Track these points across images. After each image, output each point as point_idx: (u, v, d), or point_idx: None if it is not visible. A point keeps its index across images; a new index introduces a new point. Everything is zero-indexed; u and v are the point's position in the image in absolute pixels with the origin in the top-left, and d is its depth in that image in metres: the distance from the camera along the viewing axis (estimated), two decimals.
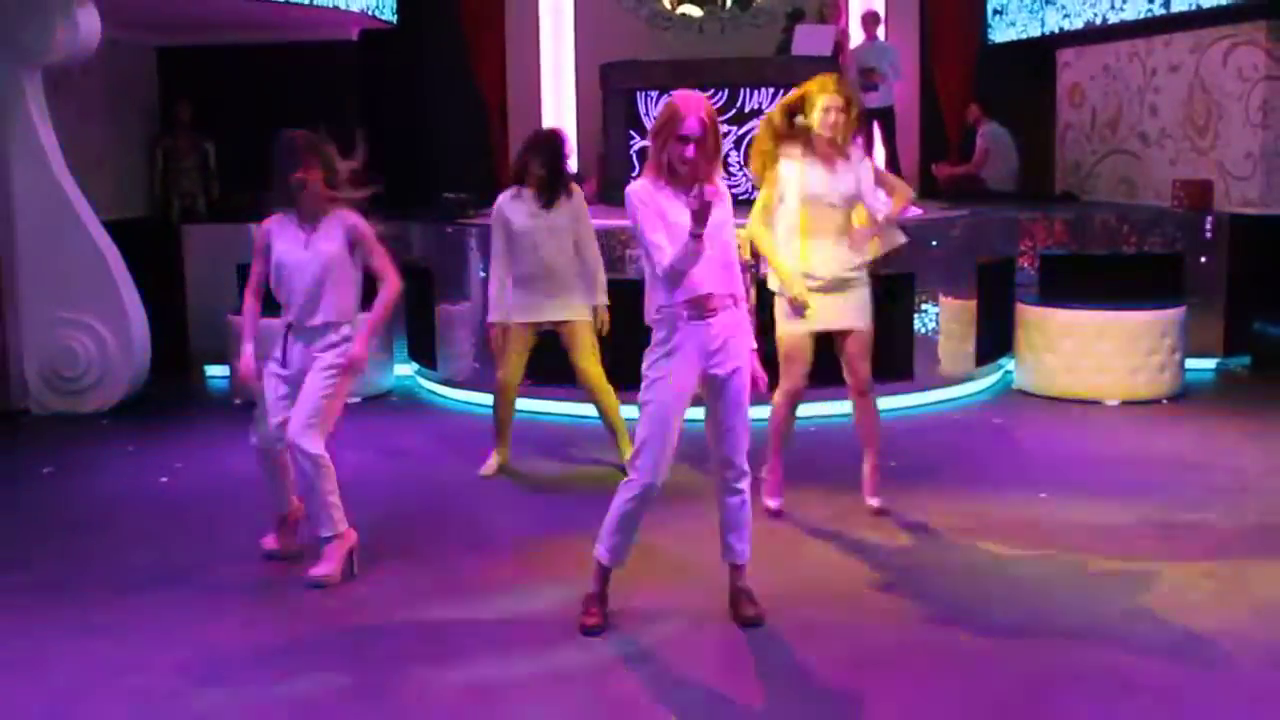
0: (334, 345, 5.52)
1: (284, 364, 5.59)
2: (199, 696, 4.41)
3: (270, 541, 5.83)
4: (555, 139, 6.98)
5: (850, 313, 6.09)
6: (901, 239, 6.26)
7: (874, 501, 6.30)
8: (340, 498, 5.52)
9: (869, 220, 6.07)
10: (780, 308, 6.10)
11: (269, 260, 5.56)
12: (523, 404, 7.44)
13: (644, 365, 4.81)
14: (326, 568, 5.46)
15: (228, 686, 4.49)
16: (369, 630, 4.99)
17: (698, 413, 4.88)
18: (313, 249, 5.49)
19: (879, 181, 6.15)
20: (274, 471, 5.71)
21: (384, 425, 8.42)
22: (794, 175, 5.98)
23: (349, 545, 5.54)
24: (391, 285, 5.58)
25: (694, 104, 4.67)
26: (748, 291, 5.37)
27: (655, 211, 4.66)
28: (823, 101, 5.92)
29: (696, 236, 4.50)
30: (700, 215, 4.43)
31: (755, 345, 4.93)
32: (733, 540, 4.99)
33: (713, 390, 4.84)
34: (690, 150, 4.62)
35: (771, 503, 6.32)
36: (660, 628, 4.96)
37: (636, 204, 4.69)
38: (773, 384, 5.34)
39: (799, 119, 6.01)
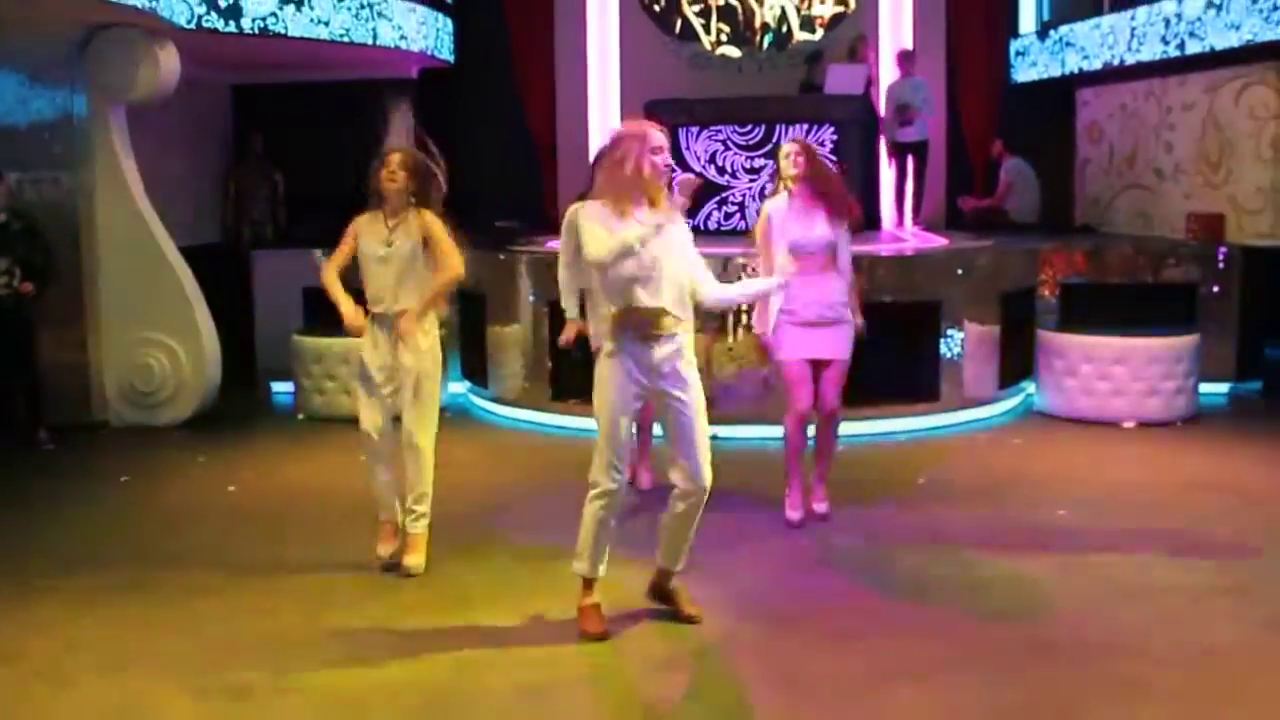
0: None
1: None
2: (263, 692, 4.43)
3: (387, 548, 5.79)
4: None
5: (833, 344, 6.21)
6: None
7: (820, 507, 6.42)
8: None
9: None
10: (780, 339, 6.24)
11: None
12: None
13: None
14: (419, 557, 5.66)
15: (290, 684, 4.50)
16: (425, 632, 4.99)
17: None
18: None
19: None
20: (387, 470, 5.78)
21: (439, 439, 8.43)
22: (776, 226, 6.20)
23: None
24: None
25: (650, 125, 4.78)
26: None
27: (604, 228, 4.66)
28: (785, 149, 6.25)
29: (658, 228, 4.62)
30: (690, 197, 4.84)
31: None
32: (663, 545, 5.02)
33: (662, 410, 4.86)
34: (667, 155, 4.73)
35: (793, 515, 6.36)
36: (693, 633, 4.94)
37: (582, 219, 4.71)
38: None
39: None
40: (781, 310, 6.20)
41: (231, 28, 9.34)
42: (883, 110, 12.12)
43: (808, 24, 13.35)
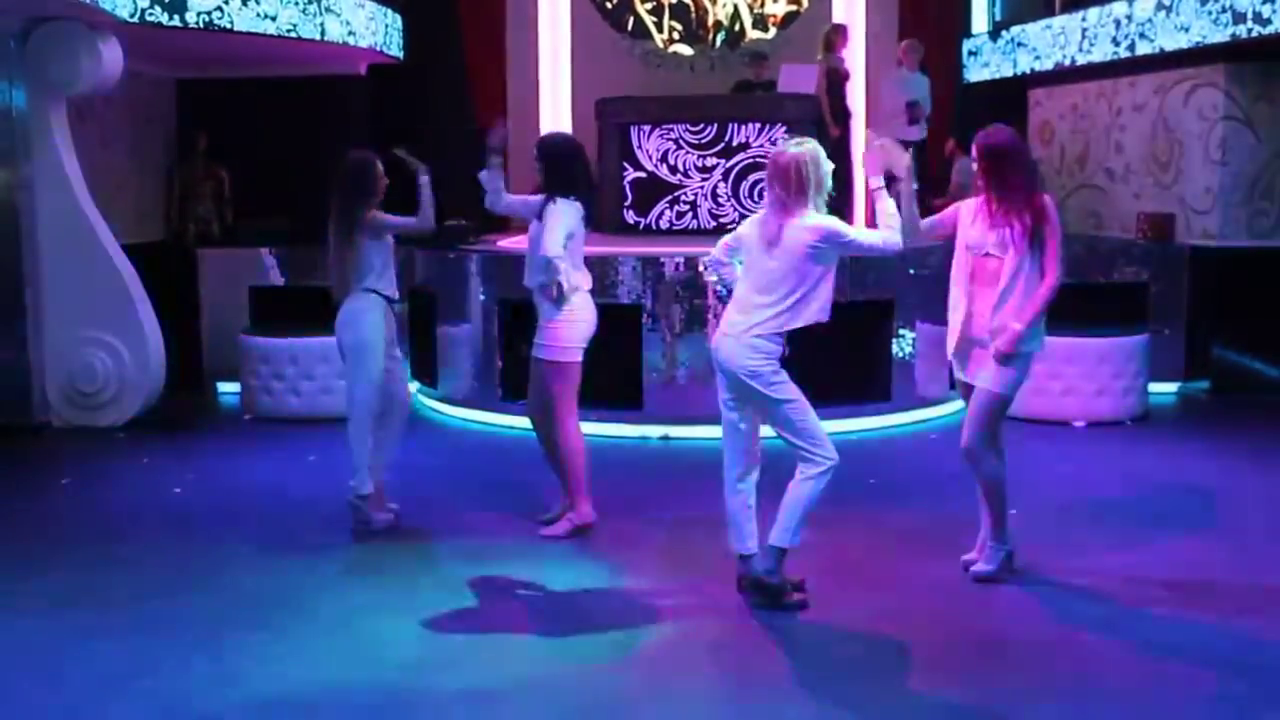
0: None
1: None
2: (207, 699, 4.40)
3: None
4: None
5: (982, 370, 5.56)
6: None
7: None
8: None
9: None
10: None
11: None
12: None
13: (773, 373, 5.14)
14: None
15: (235, 689, 4.47)
16: (375, 634, 4.97)
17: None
18: None
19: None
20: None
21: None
22: (963, 220, 5.61)
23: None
24: None
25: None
26: None
27: None
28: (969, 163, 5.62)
29: None
30: None
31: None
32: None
33: None
34: None
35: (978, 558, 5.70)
36: (644, 636, 4.96)
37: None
38: None
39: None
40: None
41: (175, 22, 9.24)
42: (886, 104, 11.90)
43: (760, 22, 13.41)
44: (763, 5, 13.45)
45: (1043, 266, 5.39)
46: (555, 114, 13.18)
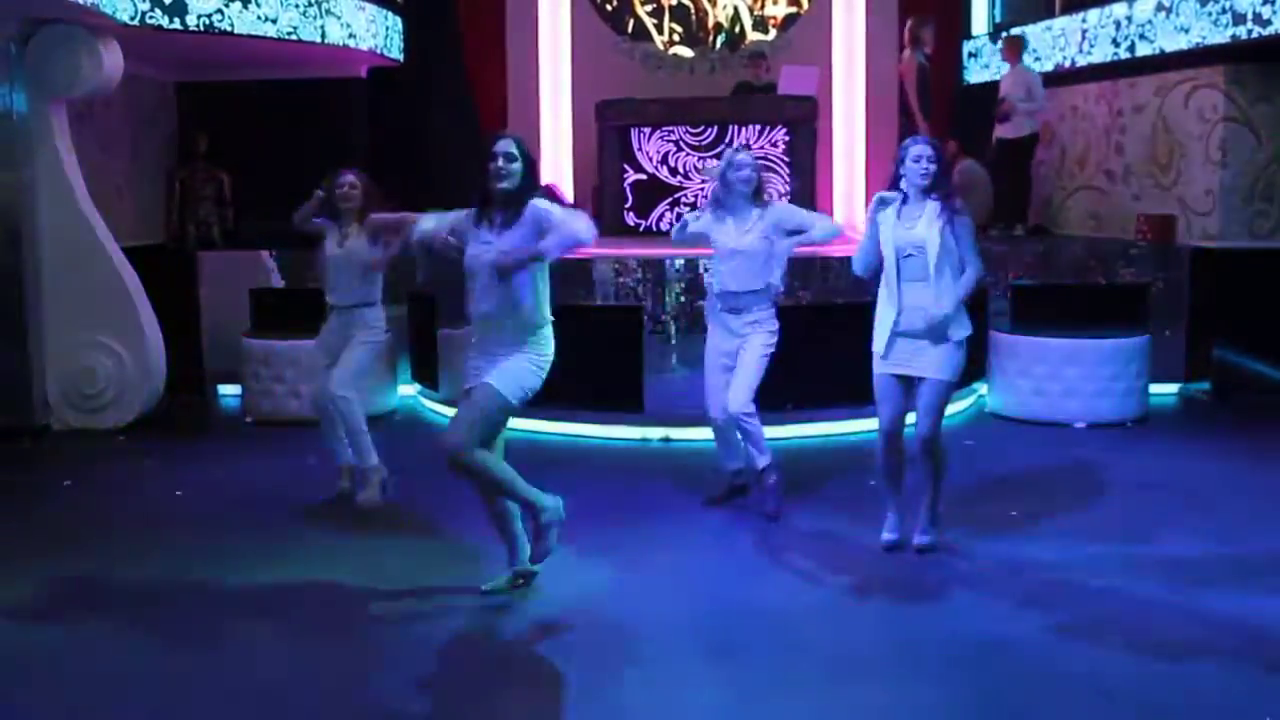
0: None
1: None
2: (207, 700, 4.42)
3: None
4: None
5: (929, 361, 5.77)
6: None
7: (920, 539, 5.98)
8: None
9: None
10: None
11: None
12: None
13: None
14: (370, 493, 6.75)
15: (236, 692, 4.49)
16: (376, 636, 4.99)
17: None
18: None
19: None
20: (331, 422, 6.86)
21: (388, 442, 8.40)
22: (886, 223, 5.76)
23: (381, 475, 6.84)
24: None
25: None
26: None
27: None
28: (914, 151, 5.76)
29: None
30: None
31: None
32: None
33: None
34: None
35: (887, 536, 6.05)
36: (640, 627, 4.98)
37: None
38: None
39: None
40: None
41: (176, 25, 9.27)
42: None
43: (760, 24, 13.43)
44: (763, 7, 13.47)
45: (963, 260, 5.73)
46: (555, 116, 13.18)
